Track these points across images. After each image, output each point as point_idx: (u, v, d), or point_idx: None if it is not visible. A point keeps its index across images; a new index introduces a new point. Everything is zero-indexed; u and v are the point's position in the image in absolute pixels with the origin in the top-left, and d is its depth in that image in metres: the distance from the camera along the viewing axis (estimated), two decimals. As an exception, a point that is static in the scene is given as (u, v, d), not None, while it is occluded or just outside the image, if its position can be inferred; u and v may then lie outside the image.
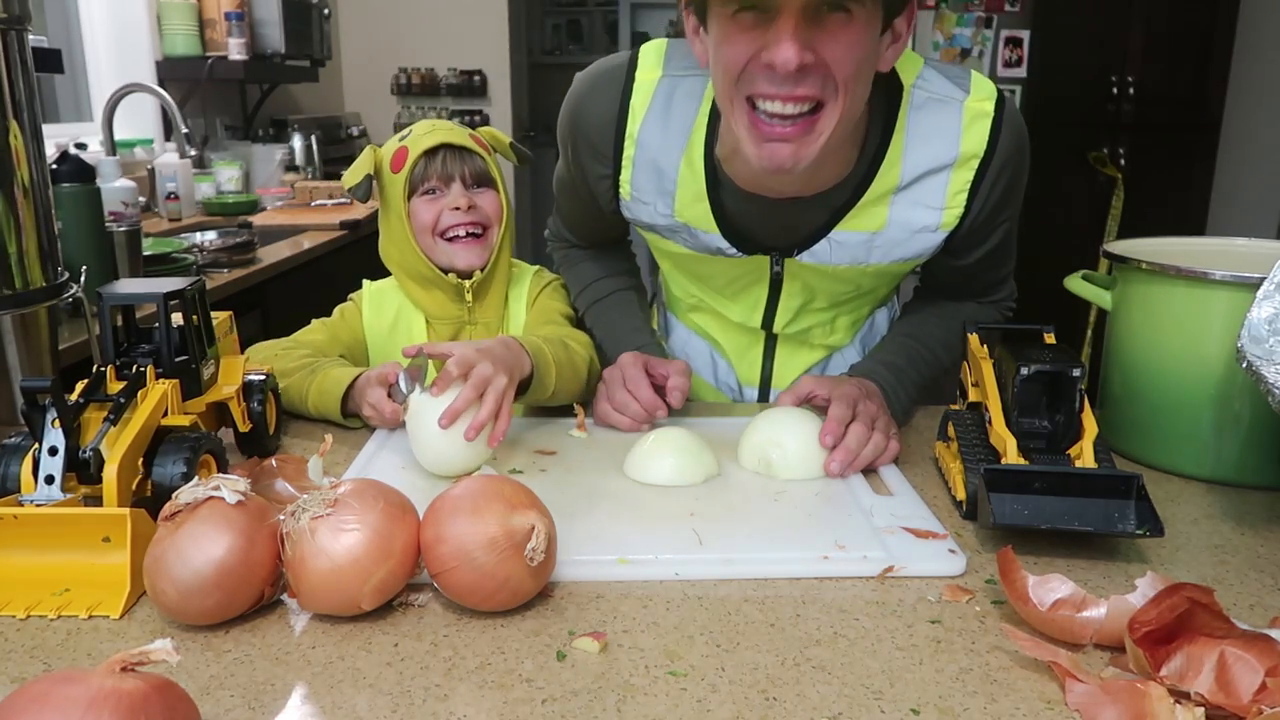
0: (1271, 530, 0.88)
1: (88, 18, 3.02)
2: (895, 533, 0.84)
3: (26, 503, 0.77)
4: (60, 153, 1.64)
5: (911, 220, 1.05)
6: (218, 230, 2.54)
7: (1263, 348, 0.82)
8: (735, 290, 1.20)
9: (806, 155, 0.94)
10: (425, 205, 1.24)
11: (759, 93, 0.91)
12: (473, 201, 1.23)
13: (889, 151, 1.03)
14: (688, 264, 1.20)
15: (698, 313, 1.30)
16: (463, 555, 0.69)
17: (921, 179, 1.03)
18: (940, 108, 1.02)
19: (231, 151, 3.34)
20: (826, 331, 1.25)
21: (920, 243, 1.07)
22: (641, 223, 1.16)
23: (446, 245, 1.24)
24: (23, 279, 1.10)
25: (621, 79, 1.08)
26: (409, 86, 4.56)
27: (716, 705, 0.62)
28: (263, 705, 0.61)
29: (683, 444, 0.97)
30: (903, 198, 1.04)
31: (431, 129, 1.26)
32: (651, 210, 1.11)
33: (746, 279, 1.17)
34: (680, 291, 1.29)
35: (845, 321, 1.25)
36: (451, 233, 1.23)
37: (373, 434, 1.08)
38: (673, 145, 1.07)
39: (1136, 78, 3.84)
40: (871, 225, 1.06)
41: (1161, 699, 0.58)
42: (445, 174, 1.24)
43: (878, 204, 1.05)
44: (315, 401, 1.11)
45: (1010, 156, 1.04)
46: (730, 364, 1.30)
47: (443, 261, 1.25)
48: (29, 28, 1.10)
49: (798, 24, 0.86)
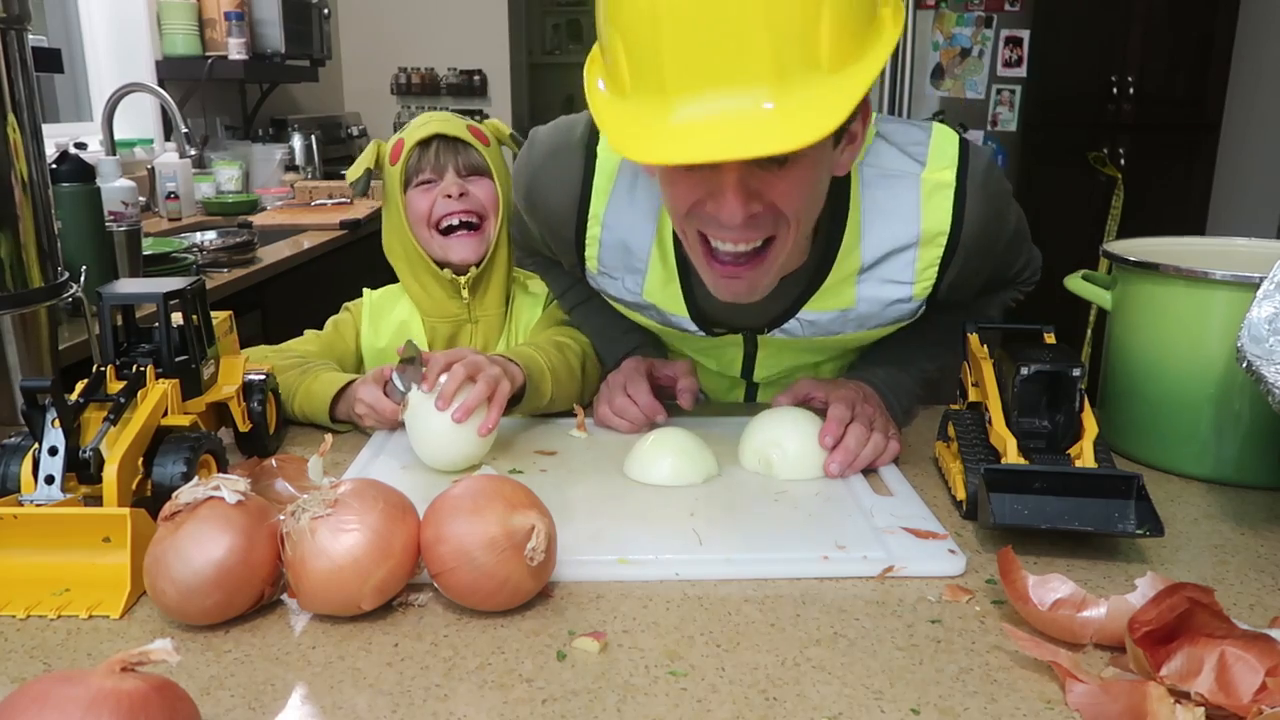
0: (1271, 530, 0.88)
1: (88, 18, 3.02)
2: (895, 533, 0.84)
3: (26, 503, 0.77)
4: (60, 153, 1.64)
5: (881, 296, 1.01)
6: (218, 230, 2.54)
7: (1263, 348, 0.82)
8: (710, 349, 1.18)
9: (763, 285, 0.93)
10: (419, 195, 1.24)
11: (709, 233, 0.89)
12: (465, 189, 1.23)
13: (845, 235, 0.98)
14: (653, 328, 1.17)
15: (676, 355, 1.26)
16: (463, 555, 0.69)
17: (885, 259, 0.99)
18: (894, 184, 0.96)
19: (231, 151, 3.34)
20: (811, 372, 1.21)
21: (896, 312, 1.03)
22: (607, 294, 1.11)
23: (442, 239, 1.24)
24: (23, 279, 1.10)
25: (581, 156, 1.02)
26: (409, 86, 4.56)
27: (716, 705, 0.62)
28: (263, 705, 0.61)
29: (683, 444, 0.97)
30: (869, 277, 1.00)
31: (427, 120, 1.26)
32: (619, 286, 1.07)
33: (720, 348, 1.16)
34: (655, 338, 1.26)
35: (830, 369, 1.22)
36: (446, 223, 1.23)
37: (372, 435, 1.08)
38: (641, 225, 1.02)
39: (1136, 78, 3.84)
40: (840, 304, 1.02)
41: (1161, 699, 0.58)
42: (438, 164, 1.24)
43: (843, 285, 1.01)
44: (303, 403, 1.11)
45: (983, 224, 0.97)
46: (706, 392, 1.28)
47: (438, 255, 1.24)
48: (29, 28, 1.10)
49: (740, 174, 0.82)
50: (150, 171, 2.90)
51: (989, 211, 0.98)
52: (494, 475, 0.78)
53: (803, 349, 1.13)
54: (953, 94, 3.35)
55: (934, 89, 3.35)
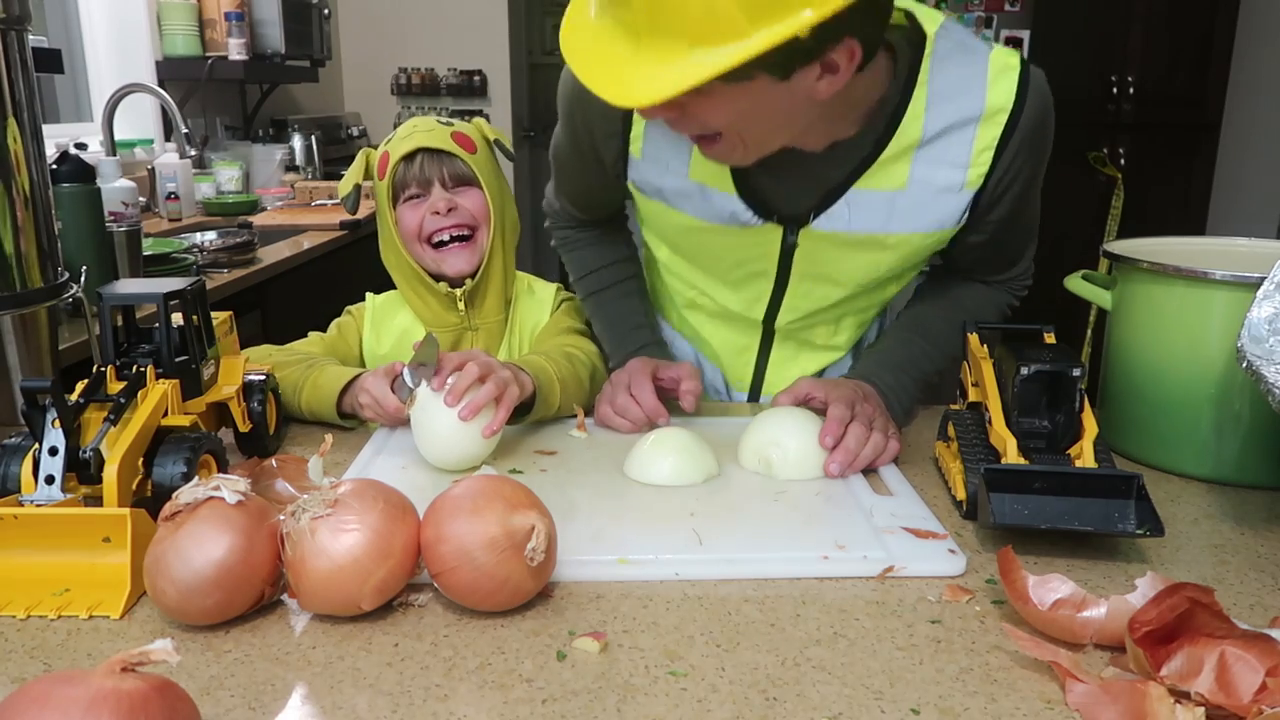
0: (1271, 530, 0.88)
1: (88, 18, 3.02)
2: (895, 533, 0.84)
3: (27, 503, 0.77)
4: (60, 153, 1.64)
5: (934, 179, 1.00)
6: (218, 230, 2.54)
7: (1263, 348, 0.82)
8: (739, 278, 1.15)
9: (737, 156, 0.94)
10: (409, 211, 1.23)
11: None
12: (454, 203, 1.22)
13: (910, 104, 0.98)
14: (691, 243, 1.15)
15: (693, 310, 1.26)
16: (463, 555, 0.69)
17: (945, 134, 0.99)
18: (965, 57, 0.98)
19: (231, 151, 3.34)
20: (830, 332, 1.21)
21: (943, 207, 1.02)
22: (648, 186, 1.09)
23: (434, 252, 1.23)
24: (23, 279, 1.10)
25: None
26: (409, 86, 4.56)
27: (716, 705, 0.62)
28: (263, 705, 0.61)
29: (683, 444, 0.97)
30: (925, 154, 1.00)
31: (410, 131, 1.24)
32: (662, 170, 1.07)
33: (753, 263, 1.12)
34: (678, 284, 1.24)
35: (851, 323, 1.22)
36: (437, 238, 1.23)
37: (373, 435, 1.08)
38: None
39: (1136, 78, 3.84)
40: (892, 184, 1.01)
41: (1161, 699, 0.58)
42: (424, 178, 1.22)
43: (899, 160, 1.00)
44: (310, 397, 1.10)
45: (1039, 115, 0.99)
46: (719, 366, 1.28)
47: (432, 269, 1.24)
48: (29, 28, 1.10)
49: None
50: (150, 172, 2.90)
51: (1045, 107, 1.00)
52: (494, 475, 0.78)
53: (840, 264, 1.09)
54: (953, 94, 3.34)
55: (934, 89, 3.34)
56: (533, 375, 1.06)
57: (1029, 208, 1.10)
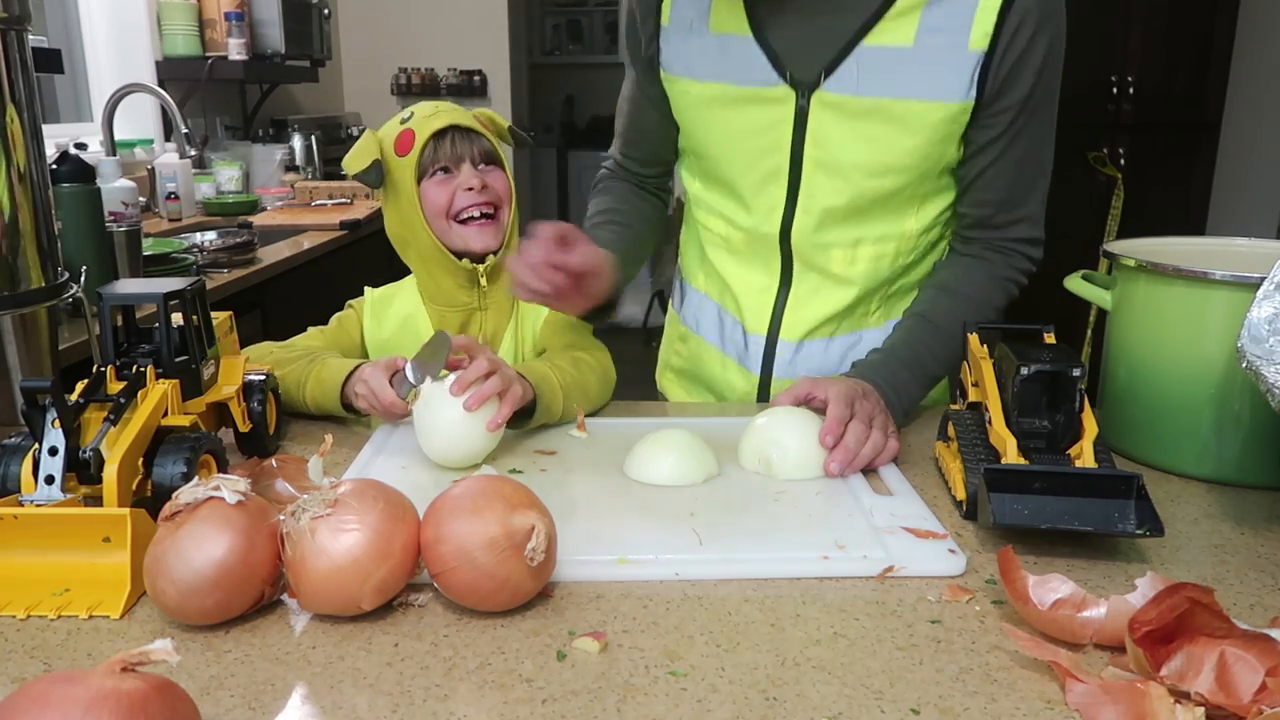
0: (1271, 530, 0.88)
1: (88, 18, 3.02)
2: (895, 533, 0.84)
3: (26, 503, 0.77)
4: (60, 153, 1.64)
5: (940, 36, 1.04)
6: (218, 230, 2.55)
7: (1263, 348, 0.82)
8: (756, 179, 1.16)
9: None
10: (437, 188, 1.23)
11: None
12: (485, 181, 1.23)
13: None
14: (715, 132, 1.18)
15: (717, 249, 1.26)
16: (463, 555, 0.69)
17: None
18: None
19: (231, 151, 3.34)
20: (847, 259, 1.17)
21: (949, 71, 1.05)
22: (677, 62, 1.17)
23: (460, 228, 1.24)
24: (23, 279, 1.10)
25: None
26: (409, 86, 4.57)
27: (716, 705, 0.62)
28: (263, 705, 0.61)
29: (683, 444, 0.97)
30: (932, 11, 1.04)
31: (435, 110, 1.25)
32: (687, 31, 1.15)
33: (769, 150, 1.14)
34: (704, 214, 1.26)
35: (868, 254, 1.17)
36: (465, 214, 1.23)
37: (372, 435, 1.08)
38: None
39: (1136, 78, 3.84)
40: (899, 39, 1.05)
41: (1161, 699, 0.58)
42: (455, 155, 1.23)
43: (907, 15, 1.04)
44: (313, 391, 1.11)
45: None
46: (739, 313, 1.26)
47: (457, 245, 1.24)
48: (29, 28, 1.10)
49: None
50: (150, 172, 2.90)
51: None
52: (494, 475, 0.78)
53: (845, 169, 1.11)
54: (953, 94, 3.34)
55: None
56: (535, 382, 1.07)
57: (1038, 121, 1.11)
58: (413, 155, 1.22)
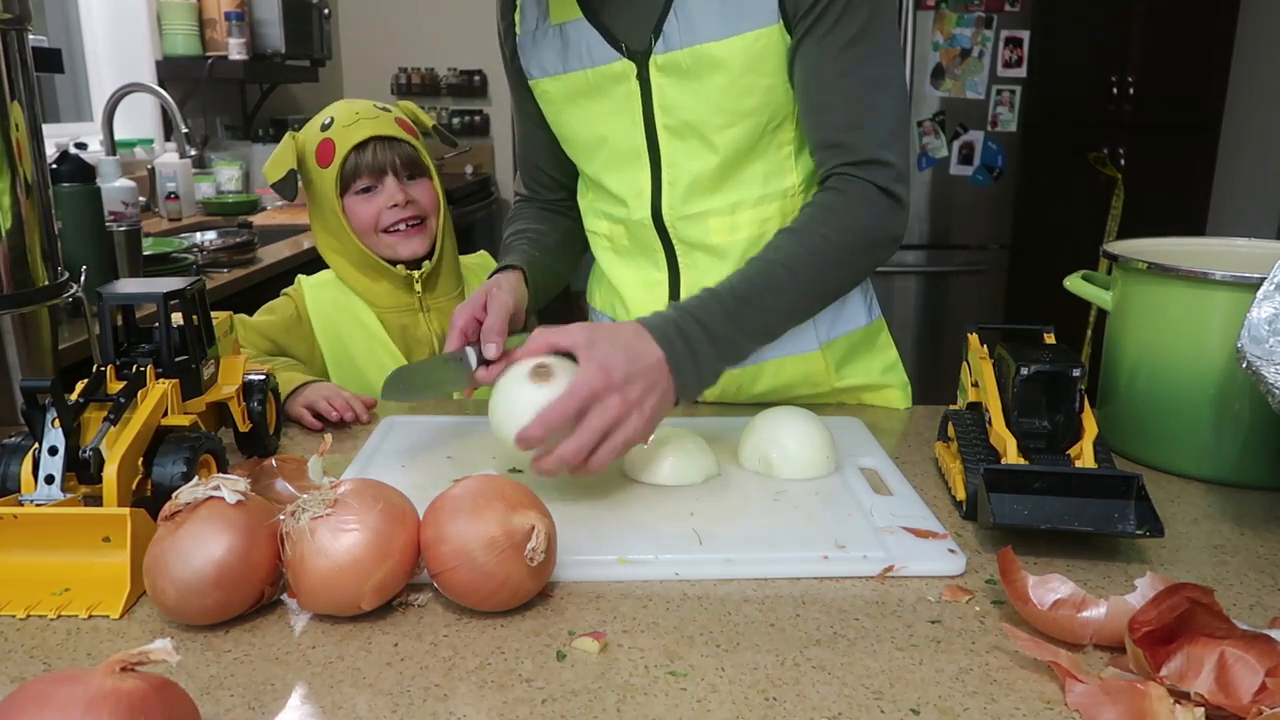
0: (1271, 530, 0.88)
1: (88, 18, 3.02)
2: (895, 533, 0.84)
3: (26, 502, 0.77)
4: (60, 153, 1.64)
5: None
6: (218, 230, 2.54)
7: (1263, 348, 0.82)
8: (619, 155, 1.13)
9: None
10: (361, 203, 1.22)
11: None
12: (409, 195, 1.22)
13: None
14: (576, 122, 1.15)
15: (605, 251, 1.22)
16: (463, 555, 0.69)
17: None
18: None
19: (231, 151, 3.34)
20: (727, 226, 1.11)
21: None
22: (534, 63, 1.14)
23: (388, 237, 1.23)
24: (23, 279, 1.10)
25: None
26: (409, 86, 4.56)
27: (716, 705, 0.62)
28: (263, 705, 0.61)
29: (683, 444, 0.97)
30: None
31: (356, 118, 1.23)
32: (536, 32, 1.13)
33: (624, 129, 1.11)
34: (589, 211, 1.23)
35: (748, 219, 1.11)
36: (392, 226, 1.23)
37: (372, 434, 1.08)
38: None
39: (1136, 78, 3.84)
40: None
41: (1161, 699, 0.58)
42: (376, 167, 1.22)
43: None
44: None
45: None
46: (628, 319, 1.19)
47: (386, 254, 1.24)
48: (29, 28, 1.10)
49: None
50: (150, 171, 2.90)
51: None
52: (494, 475, 0.78)
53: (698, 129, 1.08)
54: (953, 94, 3.35)
55: (934, 89, 3.35)
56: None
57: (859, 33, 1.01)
58: (333, 168, 1.21)
